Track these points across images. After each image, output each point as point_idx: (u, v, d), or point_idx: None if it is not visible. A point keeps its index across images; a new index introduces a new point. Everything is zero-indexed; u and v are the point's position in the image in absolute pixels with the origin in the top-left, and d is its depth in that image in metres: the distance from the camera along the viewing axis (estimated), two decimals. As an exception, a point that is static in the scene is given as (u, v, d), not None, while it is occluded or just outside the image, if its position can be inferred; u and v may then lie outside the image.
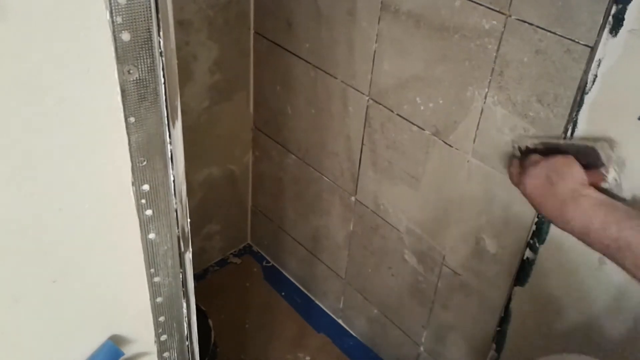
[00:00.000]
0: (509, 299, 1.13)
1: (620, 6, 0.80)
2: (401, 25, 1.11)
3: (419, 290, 1.34)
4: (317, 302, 1.71)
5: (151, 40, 0.54)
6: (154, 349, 0.75)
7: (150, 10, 0.53)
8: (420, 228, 1.27)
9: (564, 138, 0.93)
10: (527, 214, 1.03)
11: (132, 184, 0.60)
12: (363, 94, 1.25)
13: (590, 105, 0.88)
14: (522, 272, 1.08)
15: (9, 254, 0.56)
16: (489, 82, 1.00)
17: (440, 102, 1.10)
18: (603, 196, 0.81)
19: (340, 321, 1.66)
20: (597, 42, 0.84)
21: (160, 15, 0.54)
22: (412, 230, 1.29)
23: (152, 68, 0.55)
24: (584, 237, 0.79)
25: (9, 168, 0.52)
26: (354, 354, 1.59)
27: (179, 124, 0.61)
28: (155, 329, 0.73)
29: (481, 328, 1.22)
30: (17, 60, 0.48)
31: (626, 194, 0.88)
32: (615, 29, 0.82)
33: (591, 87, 0.87)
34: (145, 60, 0.54)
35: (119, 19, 0.51)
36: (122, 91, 0.54)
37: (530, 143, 0.96)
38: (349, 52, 1.24)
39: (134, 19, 0.52)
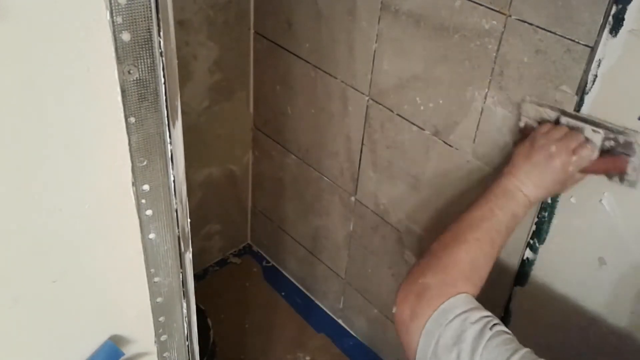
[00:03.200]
0: (509, 299, 1.13)
1: (620, 6, 0.80)
2: (401, 26, 1.11)
3: (419, 290, 1.34)
4: (317, 302, 1.71)
5: (151, 40, 0.54)
6: (154, 349, 0.75)
7: (151, 10, 0.53)
8: (421, 228, 1.27)
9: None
10: (527, 214, 1.03)
11: (132, 184, 0.60)
12: (363, 94, 1.25)
13: (591, 105, 0.88)
14: (522, 272, 1.08)
15: (9, 254, 0.56)
16: (489, 82, 1.00)
17: (440, 102, 1.10)
18: None
19: (340, 321, 1.66)
20: (597, 42, 0.84)
21: (160, 15, 0.54)
22: (412, 230, 1.28)
23: (152, 68, 0.55)
24: None
25: (9, 168, 0.52)
26: (354, 354, 1.59)
27: (179, 124, 0.61)
28: (155, 329, 0.73)
29: (481, 328, 1.22)
30: (17, 60, 0.48)
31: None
32: (615, 29, 0.82)
33: (591, 87, 0.87)
34: (145, 60, 0.54)
35: (119, 19, 0.51)
36: (122, 91, 0.54)
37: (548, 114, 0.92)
38: (349, 52, 1.24)
39: (134, 19, 0.52)
